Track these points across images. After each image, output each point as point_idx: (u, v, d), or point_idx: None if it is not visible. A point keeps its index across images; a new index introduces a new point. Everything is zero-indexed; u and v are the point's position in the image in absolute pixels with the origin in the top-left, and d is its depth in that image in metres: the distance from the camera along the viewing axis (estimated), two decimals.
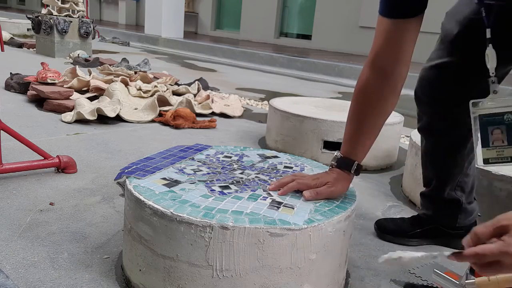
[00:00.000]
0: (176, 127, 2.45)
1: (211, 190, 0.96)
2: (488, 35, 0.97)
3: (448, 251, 0.66)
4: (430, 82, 1.21)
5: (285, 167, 1.18)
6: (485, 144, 0.92)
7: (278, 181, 1.00)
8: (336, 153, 1.05)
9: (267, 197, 0.95)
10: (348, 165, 1.01)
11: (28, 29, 6.83)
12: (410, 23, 0.96)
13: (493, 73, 0.96)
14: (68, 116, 2.38)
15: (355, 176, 1.04)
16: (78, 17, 5.15)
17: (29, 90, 2.78)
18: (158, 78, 3.46)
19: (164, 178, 1.01)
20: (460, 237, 0.73)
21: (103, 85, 2.85)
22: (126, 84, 2.93)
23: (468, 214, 1.29)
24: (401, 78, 1.00)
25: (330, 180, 0.98)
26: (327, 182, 0.98)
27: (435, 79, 1.20)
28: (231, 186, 1.00)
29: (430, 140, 1.28)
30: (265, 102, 3.56)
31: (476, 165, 0.97)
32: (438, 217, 1.32)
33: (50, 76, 2.85)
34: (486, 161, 0.93)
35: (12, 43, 5.81)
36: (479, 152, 0.92)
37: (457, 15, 1.14)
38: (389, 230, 1.34)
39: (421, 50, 2.29)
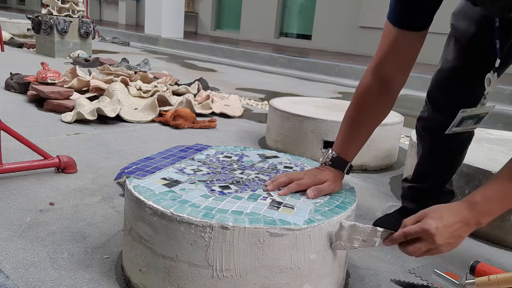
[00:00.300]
0: (176, 127, 2.45)
1: (211, 190, 0.96)
2: (497, 64, 1.05)
3: (381, 229, 0.85)
4: (450, 84, 1.21)
5: (285, 167, 1.18)
6: (458, 126, 1.16)
7: (275, 181, 1.00)
8: (329, 151, 1.06)
9: (267, 197, 0.95)
10: (342, 165, 1.04)
11: (28, 29, 6.84)
12: (415, 35, 0.97)
13: (487, 93, 1.03)
14: (68, 116, 2.39)
15: (355, 176, 1.05)
16: (78, 17, 5.15)
17: (29, 90, 2.78)
18: (158, 78, 3.46)
19: (164, 178, 1.01)
20: None
21: (103, 85, 2.85)
22: (126, 84, 2.93)
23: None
24: (400, 86, 1.04)
25: (329, 178, 1.00)
26: (326, 180, 1.00)
27: (454, 81, 1.20)
28: (231, 186, 1.00)
29: (442, 139, 1.28)
30: (265, 102, 3.56)
31: (446, 132, 1.18)
32: None
33: (50, 76, 2.85)
34: (451, 131, 1.17)
35: (12, 43, 5.81)
36: (450, 127, 1.16)
37: (469, 14, 1.14)
38: (393, 232, 1.34)
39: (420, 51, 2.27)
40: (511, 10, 0.68)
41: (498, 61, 1.06)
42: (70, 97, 2.66)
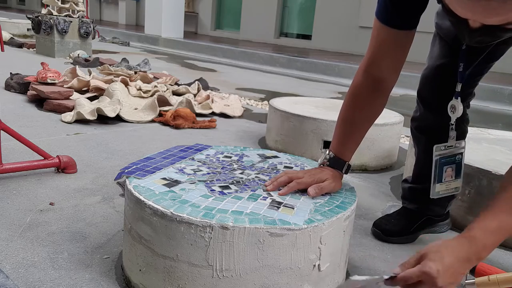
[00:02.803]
0: (176, 127, 2.45)
1: (211, 190, 0.96)
2: (458, 89, 1.07)
3: (386, 276, 0.79)
4: (437, 81, 1.22)
5: (285, 167, 1.18)
6: (439, 180, 1.13)
7: (275, 181, 1.00)
8: (327, 151, 1.08)
9: (267, 197, 0.95)
10: (340, 165, 1.06)
11: (28, 29, 6.83)
12: (406, 34, 0.97)
13: (452, 123, 1.09)
14: (68, 116, 2.38)
15: (355, 176, 1.05)
16: (78, 17, 5.15)
17: (29, 90, 2.78)
18: (158, 78, 3.46)
19: (164, 178, 1.01)
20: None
21: (103, 85, 2.85)
22: (126, 84, 2.93)
23: (452, 201, 1.39)
24: (392, 84, 1.05)
25: (329, 177, 1.01)
26: (326, 178, 1.00)
27: (441, 78, 1.21)
28: (231, 186, 1.00)
29: (435, 138, 1.29)
30: (265, 102, 3.56)
31: (430, 196, 1.15)
32: (431, 209, 1.37)
33: (50, 76, 2.85)
34: (437, 194, 1.15)
35: (12, 43, 5.81)
36: (433, 187, 1.13)
37: None
38: (394, 232, 1.34)
39: (419, 50, 2.28)
40: (484, 43, 0.73)
41: (459, 86, 1.08)
42: (70, 97, 2.66)
